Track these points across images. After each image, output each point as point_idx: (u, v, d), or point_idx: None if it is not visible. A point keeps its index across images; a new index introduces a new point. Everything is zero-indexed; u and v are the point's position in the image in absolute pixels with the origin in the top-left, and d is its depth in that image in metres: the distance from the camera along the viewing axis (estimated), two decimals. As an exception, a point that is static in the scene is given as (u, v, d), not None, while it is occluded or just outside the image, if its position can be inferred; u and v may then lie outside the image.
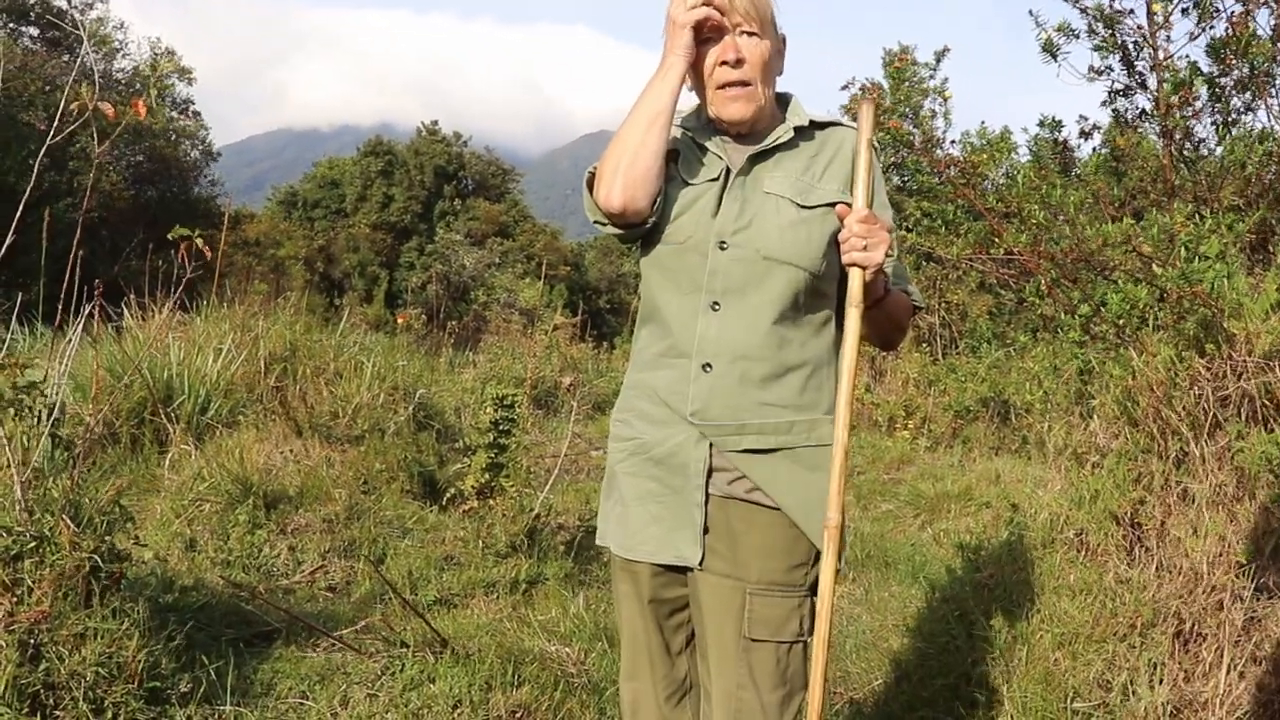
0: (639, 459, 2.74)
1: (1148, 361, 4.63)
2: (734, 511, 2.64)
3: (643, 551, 2.73)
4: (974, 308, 13.97)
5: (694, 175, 2.71)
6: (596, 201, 2.66)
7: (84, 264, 4.84)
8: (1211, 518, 4.17)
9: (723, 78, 2.63)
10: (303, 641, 4.89)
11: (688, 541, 2.66)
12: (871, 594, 6.43)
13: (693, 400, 2.63)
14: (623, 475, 2.79)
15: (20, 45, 26.26)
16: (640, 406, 2.77)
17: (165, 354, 7.90)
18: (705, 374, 2.62)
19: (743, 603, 2.61)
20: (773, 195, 2.64)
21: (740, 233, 2.61)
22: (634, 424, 2.78)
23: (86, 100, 3.99)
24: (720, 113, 2.68)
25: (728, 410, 2.61)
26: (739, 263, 2.60)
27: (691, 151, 2.75)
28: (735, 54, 2.60)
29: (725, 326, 2.61)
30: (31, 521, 3.95)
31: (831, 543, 2.50)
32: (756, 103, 2.65)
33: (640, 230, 2.69)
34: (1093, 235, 5.84)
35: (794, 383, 2.63)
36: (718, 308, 2.62)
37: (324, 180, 49.82)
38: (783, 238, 2.60)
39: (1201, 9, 7.00)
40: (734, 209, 2.63)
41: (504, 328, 17.40)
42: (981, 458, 10.23)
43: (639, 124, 2.60)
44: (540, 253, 41.35)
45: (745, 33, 2.62)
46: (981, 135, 11.77)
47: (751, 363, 2.60)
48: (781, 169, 2.67)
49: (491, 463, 6.48)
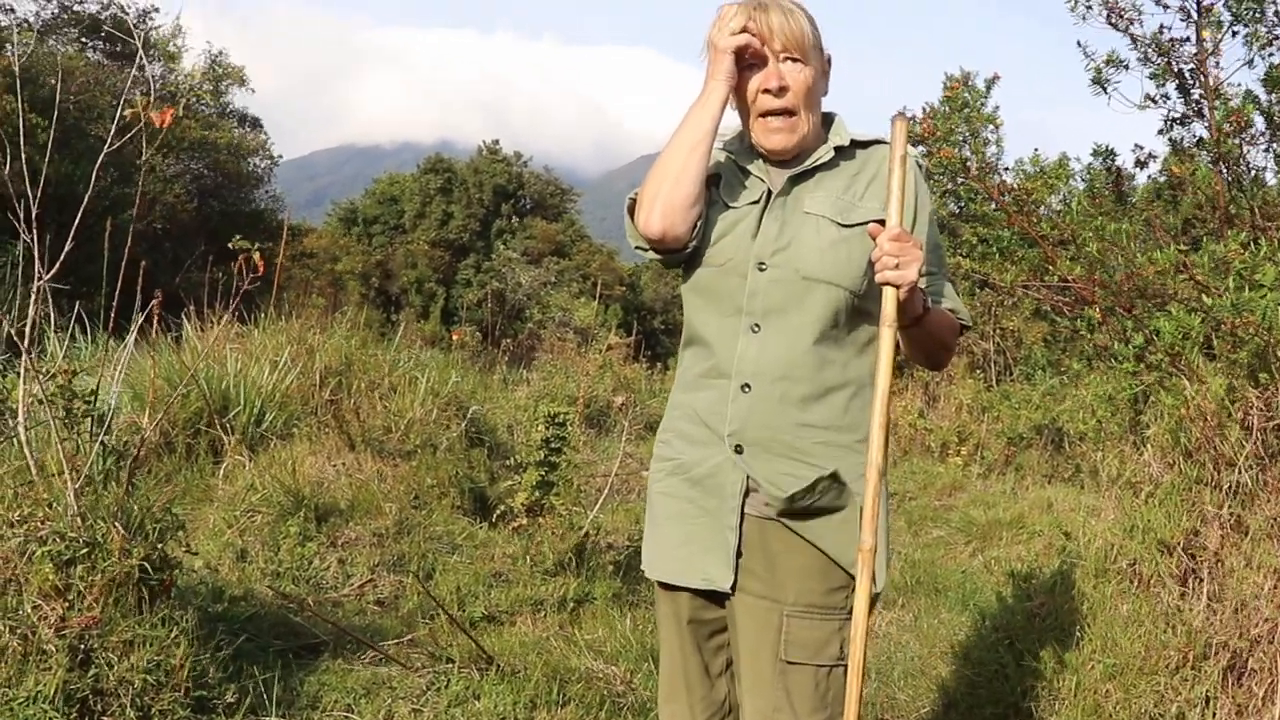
0: (677, 479, 2.74)
1: (1201, 391, 4.58)
2: (771, 532, 2.62)
3: (672, 573, 2.73)
4: (1029, 335, 13.86)
5: (735, 198, 2.71)
6: (637, 227, 2.67)
7: (147, 274, 4.90)
8: (1265, 549, 4.12)
9: (765, 105, 2.63)
10: (349, 655, 4.91)
11: (718, 564, 2.65)
12: (921, 621, 6.39)
13: (731, 420, 2.62)
14: (658, 495, 2.79)
15: (89, 59, 26.61)
16: (680, 427, 2.77)
17: (223, 365, 7.97)
18: (744, 394, 2.61)
19: (779, 625, 2.59)
20: (813, 215, 2.63)
21: (779, 253, 2.61)
22: (674, 444, 2.78)
23: (140, 109, 4.05)
24: (763, 142, 2.69)
25: (766, 431, 2.60)
26: (778, 284, 2.60)
27: (733, 174, 2.75)
28: (778, 82, 2.60)
29: (765, 347, 2.60)
30: (84, 527, 3.99)
31: (865, 567, 2.47)
32: (799, 133, 2.65)
33: (681, 255, 2.70)
34: (1144, 262, 5.79)
35: (837, 403, 2.62)
36: (758, 329, 2.61)
37: (383, 196, 50.11)
38: (822, 257, 2.59)
39: (1253, 35, 6.94)
40: (773, 230, 2.63)
41: (558, 346, 17.42)
42: (1034, 485, 10.13)
43: (680, 150, 2.61)
44: (596, 272, 41.38)
45: (788, 59, 2.61)
46: (1035, 162, 11.69)
47: (792, 383, 2.59)
48: (823, 189, 2.67)
49: (542, 480, 6.50)
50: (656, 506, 2.80)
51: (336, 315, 11.52)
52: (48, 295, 4.33)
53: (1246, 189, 6.99)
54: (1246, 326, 4.43)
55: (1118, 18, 7.50)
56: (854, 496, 2.60)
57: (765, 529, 2.63)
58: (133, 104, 4.11)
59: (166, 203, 23.99)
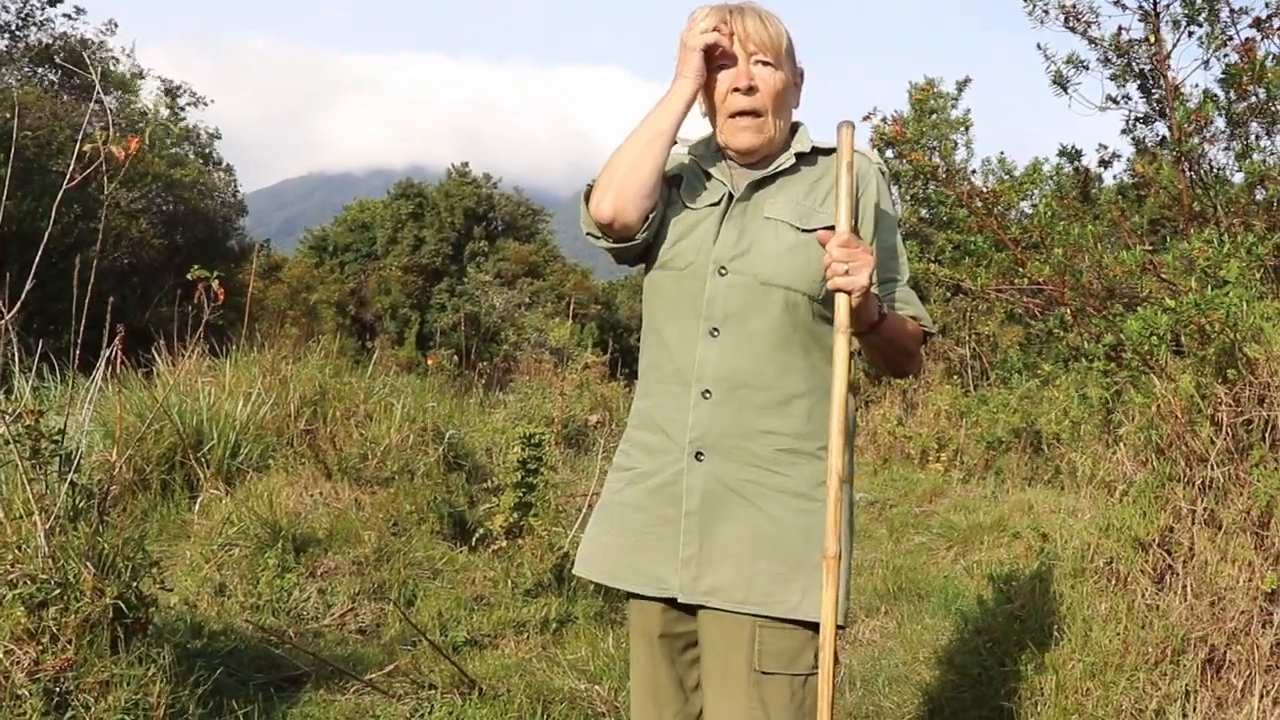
0: (636, 489, 2.71)
1: (1171, 389, 4.60)
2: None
3: (631, 582, 2.70)
4: (1004, 339, 13.91)
5: (695, 200, 2.72)
6: (589, 211, 2.67)
7: (115, 310, 4.88)
8: (1239, 543, 4.13)
9: (734, 105, 2.64)
10: (332, 685, 4.90)
11: (671, 571, 2.62)
12: (904, 627, 6.39)
13: (692, 428, 2.61)
14: (616, 505, 2.76)
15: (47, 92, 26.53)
16: (638, 437, 2.76)
17: (195, 398, 7.94)
18: (705, 400, 2.60)
19: (752, 634, 2.57)
20: (773, 220, 2.63)
21: (739, 258, 2.60)
22: (633, 454, 2.77)
23: (99, 144, 4.03)
24: (729, 141, 2.69)
25: (727, 438, 2.59)
26: (737, 288, 2.59)
27: (695, 176, 2.75)
28: (748, 81, 2.61)
29: (725, 353, 2.60)
30: (55, 568, 3.97)
31: (830, 574, 2.46)
32: (766, 134, 2.66)
33: (632, 248, 2.70)
34: (1111, 263, 5.82)
35: (799, 410, 2.61)
36: (716, 334, 2.60)
37: (354, 223, 50.03)
38: (780, 262, 2.59)
39: (1209, 36, 6.99)
40: (733, 235, 2.63)
41: (535, 367, 17.39)
42: (1014, 488, 10.16)
43: (639, 139, 2.62)
44: (570, 292, 41.35)
45: (760, 61, 2.62)
46: (1003, 165, 11.73)
47: (752, 390, 2.58)
48: (784, 194, 2.67)
49: (520, 502, 6.49)
50: (613, 514, 2.77)
51: (310, 344, 11.48)
52: (11, 334, 4.30)
53: (1210, 186, 7.03)
54: (1213, 324, 4.45)
55: (1075, 20, 7.56)
56: (815, 504, 2.58)
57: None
58: (91, 139, 4.10)
59: (133, 238, 23.92)
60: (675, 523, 2.63)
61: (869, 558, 8.10)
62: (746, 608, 2.56)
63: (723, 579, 2.59)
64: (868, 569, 7.72)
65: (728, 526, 2.60)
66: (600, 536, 2.80)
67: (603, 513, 2.83)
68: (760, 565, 2.57)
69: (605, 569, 2.77)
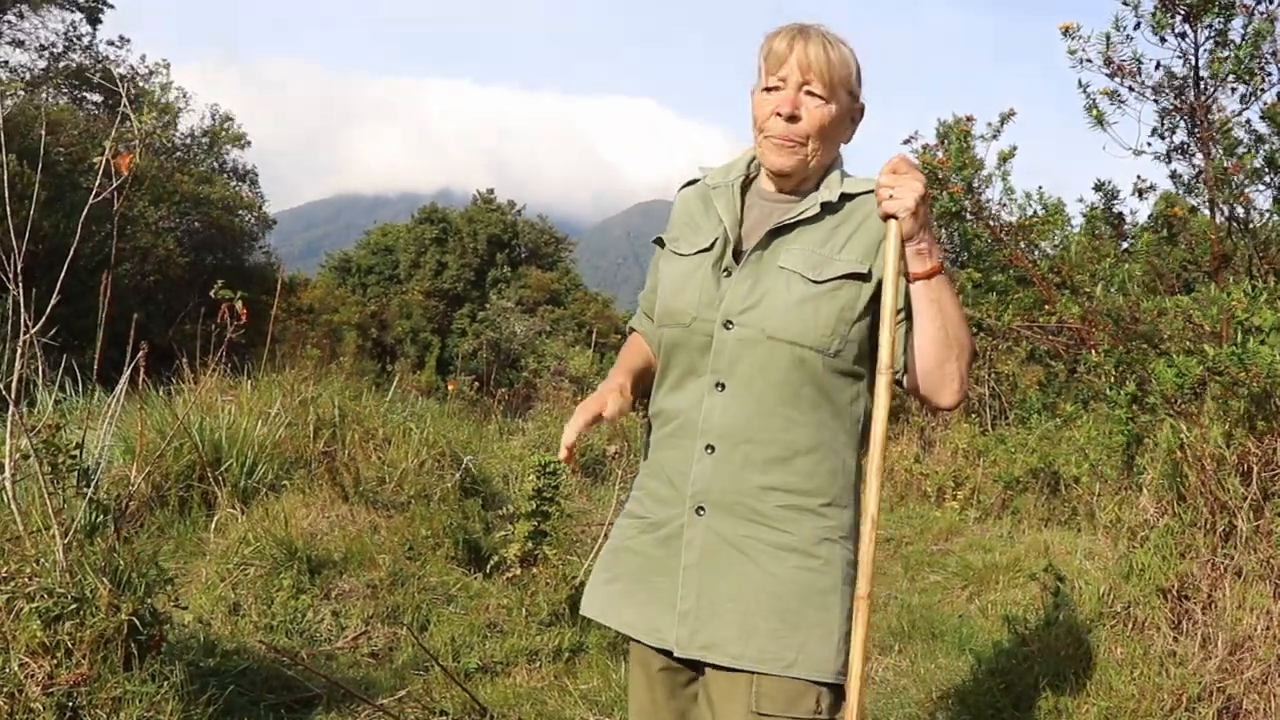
0: (647, 538, 2.70)
1: (1198, 435, 4.57)
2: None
3: (634, 629, 2.69)
4: (1024, 379, 13.86)
5: (689, 244, 2.75)
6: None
7: (139, 327, 4.91)
8: (1259, 591, 4.10)
9: (773, 130, 2.60)
10: (343, 708, 4.89)
11: (670, 625, 2.60)
12: (918, 665, 6.35)
13: (694, 480, 2.59)
14: (626, 550, 2.75)
15: (85, 112, 26.71)
16: (649, 485, 2.75)
17: (215, 417, 7.95)
18: (708, 455, 2.58)
19: (749, 685, 2.53)
20: (785, 270, 2.58)
21: (748, 312, 2.57)
22: (645, 502, 2.75)
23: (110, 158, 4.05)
24: (763, 158, 2.66)
25: (728, 495, 2.56)
26: (743, 342, 2.56)
27: (700, 213, 2.77)
28: (790, 109, 2.57)
29: (729, 408, 2.57)
30: (72, 583, 3.97)
31: (860, 614, 2.45)
32: (801, 158, 2.60)
33: None
34: (1148, 308, 5.77)
35: (802, 466, 2.56)
36: (722, 388, 2.58)
37: (377, 246, 50.27)
38: (787, 315, 2.54)
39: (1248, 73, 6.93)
40: (744, 287, 2.59)
41: (554, 395, 17.39)
42: (1031, 529, 10.10)
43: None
44: (591, 321, 41.44)
45: (810, 92, 2.57)
46: (1040, 199, 11.68)
47: (755, 446, 2.55)
48: (800, 241, 2.61)
49: (535, 530, 6.48)
50: (621, 560, 2.76)
51: (332, 367, 11.50)
52: (36, 348, 4.32)
53: (1251, 231, 6.94)
54: (1253, 379, 4.39)
55: (1117, 70, 7.49)
56: (815, 561, 2.55)
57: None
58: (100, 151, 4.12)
59: (159, 256, 24.01)
60: (676, 574, 2.61)
61: (883, 595, 8.06)
62: (742, 664, 2.54)
63: (719, 635, 2.56)
64: (881, 606, 7.68)
65: (726, 581, 2.57)
66: (607, 580, 2.79)
67: (611, 556, 2.82)
68: (757, 622, 2.54)
69: (608, 613, 2.76)
